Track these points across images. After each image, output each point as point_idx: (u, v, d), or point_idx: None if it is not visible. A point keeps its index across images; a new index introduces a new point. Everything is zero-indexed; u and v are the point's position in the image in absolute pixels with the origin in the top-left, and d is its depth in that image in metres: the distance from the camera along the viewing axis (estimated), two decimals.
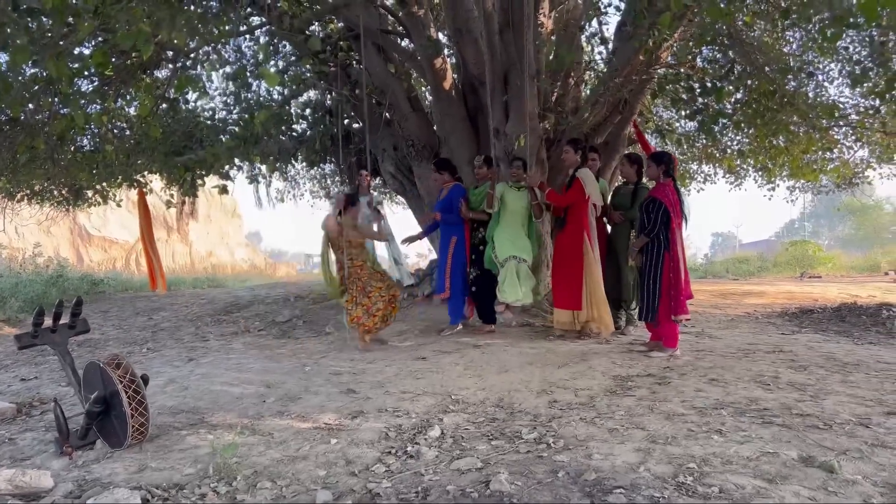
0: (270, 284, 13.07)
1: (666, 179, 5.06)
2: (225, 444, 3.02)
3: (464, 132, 8.19)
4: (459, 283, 6.30)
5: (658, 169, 5.09)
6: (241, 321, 8.16)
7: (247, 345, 6.33)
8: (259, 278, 20.88)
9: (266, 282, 17.54)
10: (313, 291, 10.19)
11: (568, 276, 5.73)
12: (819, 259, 19.26)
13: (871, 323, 6.58)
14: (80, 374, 3.50)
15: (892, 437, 2.93)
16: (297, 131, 10.60)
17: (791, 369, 4.32)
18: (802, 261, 19.00)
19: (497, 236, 5.98)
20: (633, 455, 2.79)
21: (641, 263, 5.10)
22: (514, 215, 6.08)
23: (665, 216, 4.89)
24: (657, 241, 4.94)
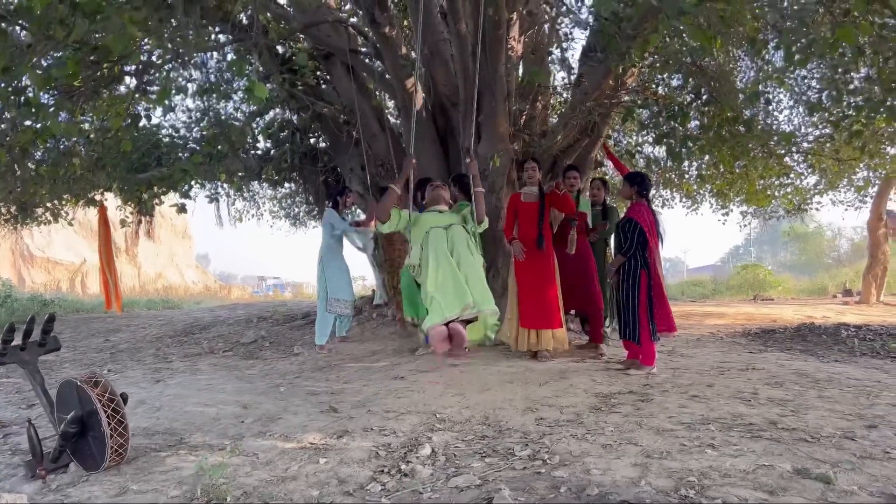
0: (229, 306, 12.80)
1: (639, 200, 5.15)
2: (213, 465, 2.91)
3: (433, 153, 8.21)
4: None
5: (631, 189, 5.18)
6: (203, 342, 7.95)
7: (214, 366, 6.15)
8: (213, 300, 20.45)
9: (221, 304, 17.17)
10: (277, 312, 10.00)
11: (545, 297, 5.73)
12: (770, 282, 19.84)
13: (832, 342, 6.77)
14: (52, 394, 3.35)
15: (878, 449, 2.99)
16: (260, 150, 10.49)
17: (768, 385, 4.40)
18: (754, 284, 19.54)
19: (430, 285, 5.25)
20: (631, 470, 2.79)
21: (617, 283, 5.15)
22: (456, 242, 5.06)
23: (641, 236, 4.97)
24: (634, 261, 5.01)
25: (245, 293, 31.09)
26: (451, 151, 8.32)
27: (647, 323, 4.95)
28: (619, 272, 5.12)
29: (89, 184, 8.35)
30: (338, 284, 6.66)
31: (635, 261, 5.00)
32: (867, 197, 14.40)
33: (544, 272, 5.77)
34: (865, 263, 13.97)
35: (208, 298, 21.61)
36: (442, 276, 3.81)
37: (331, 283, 6.64)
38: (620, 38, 6.03)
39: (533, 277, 5.83)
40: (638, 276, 4.98)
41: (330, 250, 6.83)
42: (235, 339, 7.95)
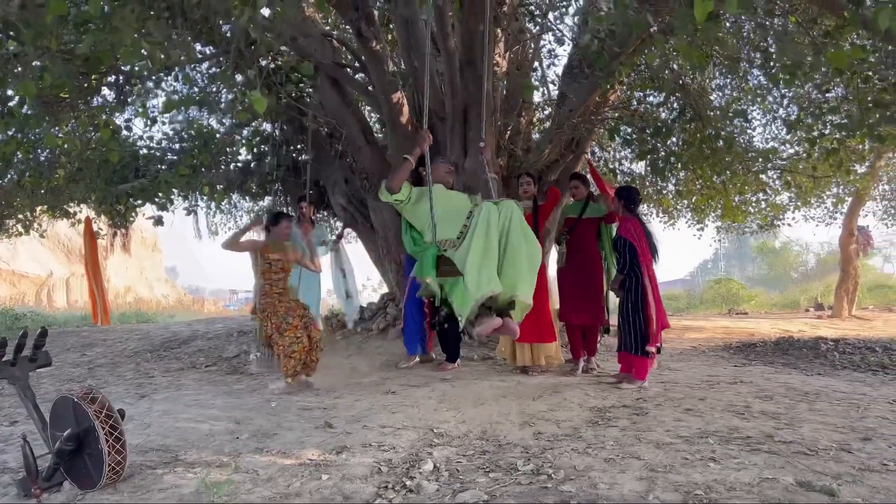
0: (206, 320, 12.60)
1: (628, 215, 5.21)
2: (215, 482, 2.86)
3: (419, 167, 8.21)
4: (414, 315, 6.25)
5: (619, 203, 5.24)
6: (184, 357, 7.82)
7: (198, 381, 6.06)
8: (187, 314, 20.17)
9: (196, 317, 16.92)
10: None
11: (537, 309, 5.72)
12: (743, 296, 20.14)
13: (812, 355, 6.89)
14: (43, 410, 3.27)
15: (876, 461, 3.05)
16: (240, 162, 10.40)
17: (759, 399, 4.46)
18: (728, 298, 19.82)
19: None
20: (637, 484, 2.80)
21: (623, 298, 5.18)
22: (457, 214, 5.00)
23: (632, 252, 5.01)
24: (633, 276, 5.05)
25: (217, 307, 30.71)
26: None
27: (647, 339, 4.98)
28: (622, 287, 5.15)
29: (67, 195, 8.21)
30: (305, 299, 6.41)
31: (635, 275, 5.04)
32: (838, 213, 14.78)
33: (538, 286, 5.77)
34: (837, 278, 14.25)
35: (181, 312, 21.29)
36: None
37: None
38: (608, 56, 6.12)
39: None
40: (640, 291, 5.01)
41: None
42: (217, 353, 7.83)
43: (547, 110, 9.18)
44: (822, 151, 7.91)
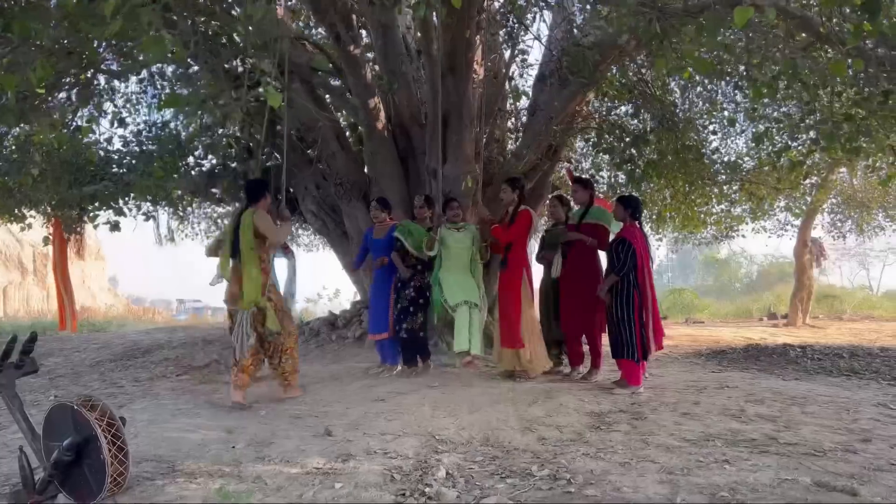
0: (166, 329, 12.22)
1: (632, 222, 5.25)
2: (234, 491, 2.73)
3: (394, 173, 8.16)
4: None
5: (626, 212, 5.27)
6: (150, 366, 7.55)
7: (174, 391, 5.84)
8: (137, 324, 19.52)
9: (146, 327, 16.36)
10: (225, 335, 9.62)
11: (508, 314, 5.72)
12: (697, 306, 20.62)
13: (784, 361, 7.06)
14: (32, 420, 3.09)
15: (883, 461, 3.12)
16: (205, 167, 10.16)
17: (750, 403, 4.53)
18: (683, 307, 20.24)
19: (444, 280, 5.75)
20: (660, 487, 2.79)
21: (611, 303, 5.20)
22: (458, 258, 5.87)
23: (634, 257, 5.05)
24: (627, 281, 5.08)
25: (159, 316, 29.73)
26: (412, 172, 8.29)
27: (640, 343, 5.02)
28: (611, 292, 5.18)
29: (24, 197, 7.87)
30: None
31: (628, 281, 5.08)
32: (788, 225, 15.29)
33: (510, 292, 5.76)
34: (792, 288, 14.69)
35: (131, 321, 20.61)
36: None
37: None
38: (591, 65, 6.20)
39: (503, 297, 5.87)
40: (631, 296, 5.05)
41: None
42: (186, 362, 7.58)
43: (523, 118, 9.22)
44: (787, 164, 8.16)
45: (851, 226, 15.75)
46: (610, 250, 5.31)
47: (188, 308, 40.56)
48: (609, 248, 5.36)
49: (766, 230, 15.06)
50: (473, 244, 5.94)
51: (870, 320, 15.19)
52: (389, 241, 6.14)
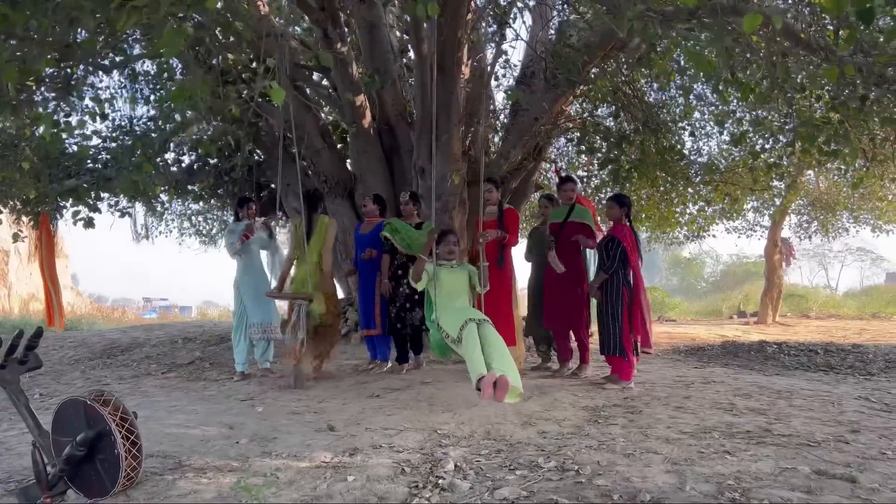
0: (144, 327, 12.03)
1: (626, 221, 5.36)
2: (254, 485, 2.75)
3: (379, 171, 8.18)
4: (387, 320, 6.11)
5: (621, 210, 5.37)
6: (132, 364, 7.46)
7: (163, 388, 5.79)
8: (107, 322, 19.18)
9: (116, 326, 16.07)
10: (205, 333, 9.55)
11: (501, 313, 5.74)
12: (668, 304, 20.97)
13: (762, 358, 7.26)
14: (38, 415, 3.07)
15: (874, 450, 3.25)
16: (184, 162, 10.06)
17: (738, 397, 4.66)
18: (654, 306, 20.56)
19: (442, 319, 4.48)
20: (667, 477, 2.88)
21: (601, 300, 5.30)
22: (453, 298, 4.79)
23: (623, 255, 5.15)
24: (616, 278, 5.19)
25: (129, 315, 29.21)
26: (397, 170, 8.32)
27: (630, 339, 5.13)
28: (601, 289, 5.28)
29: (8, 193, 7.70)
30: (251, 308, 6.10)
31: (617, 279, 5.18)
32: (757, 226, 15.66)
33: (502, 290, 5.79)
34: (760, 287, 15.03)
35: (101, 320, 20.24)
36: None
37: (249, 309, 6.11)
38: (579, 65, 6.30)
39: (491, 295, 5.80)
40: (621, 294, 5.16)
41: (245, 269, 6.21)
42: (168, 360, 7.50)
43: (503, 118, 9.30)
44: (763, 165, 8.38)
45: (817, 227, 16.16)
46: (600, 248, 5.41)
47: (155, 306, 39.95)
48: (599, 247, 5.45)
49: (736, 231, 15.44)
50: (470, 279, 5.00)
51: (836, 319, 15.63)
52: (374, 237, 6.12)
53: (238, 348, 6.17)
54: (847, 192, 14.03)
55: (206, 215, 14.34)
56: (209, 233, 14.90)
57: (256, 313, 6.10)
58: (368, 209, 6.38)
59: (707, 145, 10.00)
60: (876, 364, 6.64)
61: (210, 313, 25.20)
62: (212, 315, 23.17)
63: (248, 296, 6.13)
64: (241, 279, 6.19)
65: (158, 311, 34.66)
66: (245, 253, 6.20)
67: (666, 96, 8.00)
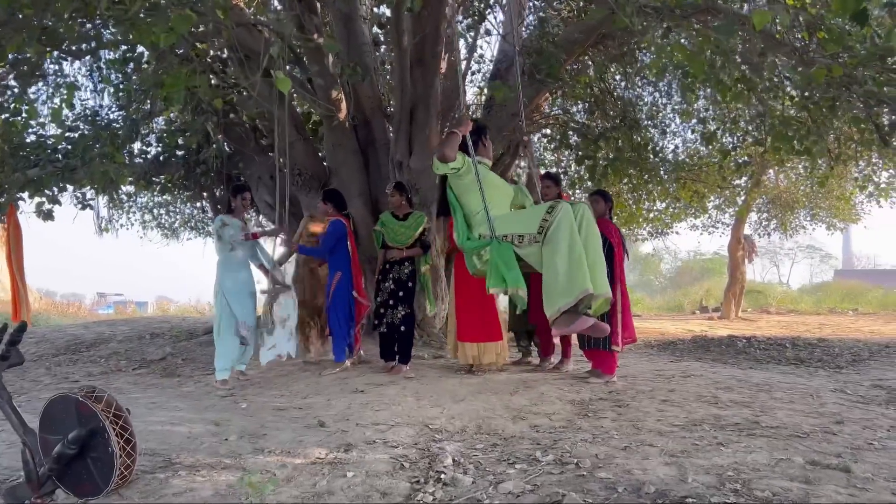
0: (107, 322, 11.72)
1: (609, 217, 5.40)
2: (258, 482, 2.68)
3: (354, 164, 8.10)
4: (343, 319, 5.98)
5: (605, 205, 5.41)
6: (100, 360, 7.26)
7: (137, 385, 5.65)
8: (61, 318, 18.66)
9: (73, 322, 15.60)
10: (173, 329, 9.35)
11: (485, 307, 5.74)
12: (631, 300, 21.27)
13: (734, 352, 7.41)
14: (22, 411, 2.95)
15: (860, 441, 3.34)
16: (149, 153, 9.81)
17: (720, 390, 4.75)
18: None
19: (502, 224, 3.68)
20: (667, 469, 2.90)
21: None
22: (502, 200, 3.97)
23: (610, 251, 5.19)
24: None
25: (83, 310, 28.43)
26: (372, 163, 8.25)
27: (615, 334, 5.17)
28: None
29: None
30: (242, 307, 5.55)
31: None
32: (719, 223, 16.01)
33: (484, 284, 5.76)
34: (726, 283, 15.36)
35: (55, 316, 19.66)
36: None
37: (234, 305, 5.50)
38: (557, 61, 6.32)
39: (475, 290, 5.78)
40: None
41: (227, 265, 5.61)
42: (138, 356, 7.32)
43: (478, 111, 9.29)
44: (733, 163, 8.56)
45: (776, 224, 16.59)
46: None
47: (110, 302, 38.99)
48: None
49: (698, 228, 15.78)
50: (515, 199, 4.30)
51: (794, 314, 16.06)
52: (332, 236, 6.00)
53: (223, 352, 5.44)
54: (805, 190, 14.45)
55: (169, 208, 14.08)
56: (171, 226, 14.63)
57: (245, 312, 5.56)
58: (322, 209, 6.27)
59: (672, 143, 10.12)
60: (843, 358, 6.85)
61: (171, 309, 24.67)
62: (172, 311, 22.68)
63: (232, 294, 5.54)
64: (225, 277, 5.59)
65: (114, 307, 33.83)
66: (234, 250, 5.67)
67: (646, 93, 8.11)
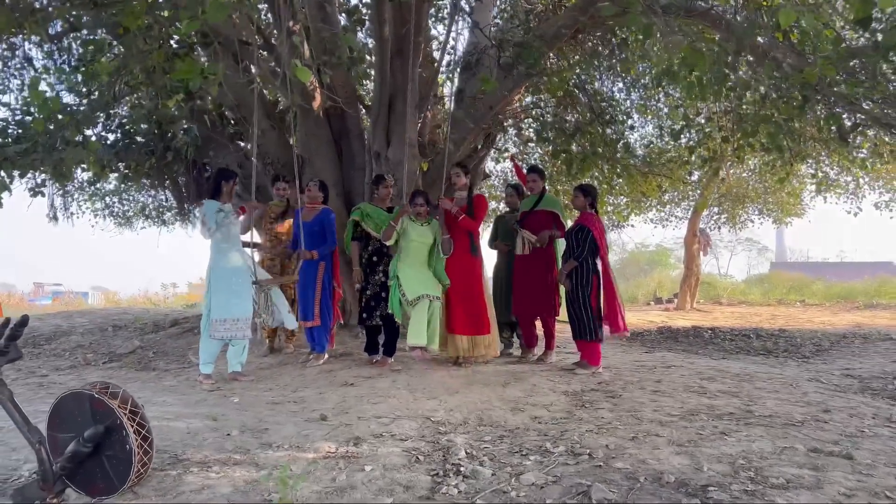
0: (63, 314, 11.24)
1: (591, 210, 5.48)
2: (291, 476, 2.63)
3: (328, 154, 8.00)
4: (329, 310, 5.96)
5: (585, 200, 5.49)
6: (65, 354, 7.02)
7: (113, 379, 5.43)
8: (6, 309, 17.89)
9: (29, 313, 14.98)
10: (137, 320, 9.09)
11: (474, 300, 5.75)
12: None
13: (702, 342, 7.63)
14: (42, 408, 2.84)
15: (851, 428, 3.49)
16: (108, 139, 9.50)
17: (705, 380, 4.89)
18: None
19: (403, 274, 5.46)
20: (680, 458, 2.98)
21: (570, 287, 5.41)
22: (418, 252, 5.64)
23: (593, 243, 5.28)
24: (585, 266, 5.31)
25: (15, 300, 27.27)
26: (345, 153, 8.17)
27: (599, 325, 5.27)
28: (570, 277, 5.39)
29: None
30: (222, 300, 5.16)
31: (587, 266, 5.31)
32: (672, 217, 16.43)
33: (473, 277, 5.79)
34: (682, 275, 15.76)
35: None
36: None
37: (214, 299, 5.16)
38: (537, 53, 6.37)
39: (464, 283, 5.77)
40: (590, 280, 5.30)
41: (220, 254, 5.29)
42: (105, 349, 7.09)
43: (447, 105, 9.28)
44: (699, 159, 8.79)
45: (726, 218, 17.09)
46: (569, 236, 5.52)
47: (48, 292, 37.62)
48: (568, 235, 5.56)
49: (653, 221, 16.17)
50: (435, 240, 5.69)
51: (745, 305, 16.60)
52: (317, 226, 5.94)
53: (206, 345, 5.21)
54: (755, 185, 14.95)
55: (122, 196, 13.67)
56: (125, 214, 14.19)
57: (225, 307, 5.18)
58: (312, 195, 6.14)
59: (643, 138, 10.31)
60: (806, 348, 7.14)
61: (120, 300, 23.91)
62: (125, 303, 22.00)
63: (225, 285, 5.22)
64: (218, 264, 5.27)
65: (52, 298, 32.61)
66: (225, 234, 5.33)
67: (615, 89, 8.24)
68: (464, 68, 8.81)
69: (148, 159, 8.45)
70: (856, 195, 13.61)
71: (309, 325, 5.95)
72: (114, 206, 13.99)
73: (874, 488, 2.59)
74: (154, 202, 12.82)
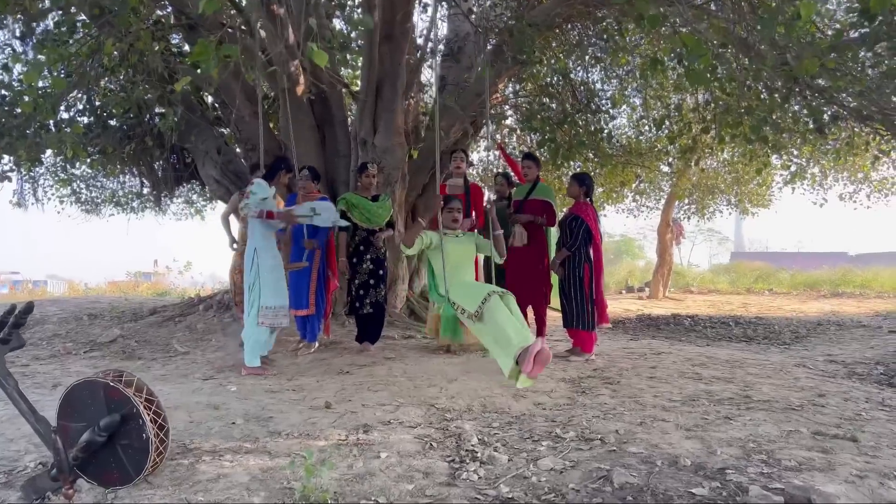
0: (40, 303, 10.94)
1: (585, 199, 5.50)
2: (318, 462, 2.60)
3: (311, 141, 7.90)
4: (322, 300, 5.91)
5: (580, 189, 5.51)
6: (43, 343, 6.83)
7: (97, 369, 5.35)
8: None
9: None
10: (114, 309, 8.90)
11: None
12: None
13: (684, 329, 7.76)
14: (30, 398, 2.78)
15: (849, 412, 3.59)
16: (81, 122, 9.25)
17: (697, 367, 4.97)
18: None
19: (455, 293, 4.29)
20: (691, 442, 3.03)
21: (563, 276, 5.44)
22: (460, 266, 4.71)
23: (587, 233, 5.32)
24: (578, 255, 5.34)
25: None
26: (329, 139, 8.07)
27: (592, 313, 5.32)
28: (563, 266, 5.42)
29: None
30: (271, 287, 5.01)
31: (580, 255, 5.34)
32: (643, 207, 16.62)
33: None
34: (655, 264, 15.97)
35: None
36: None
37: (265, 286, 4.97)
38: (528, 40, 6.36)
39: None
40: (583, 269, 5.33)
41: (266, 241, 5.06)
42: (84, 338, 6.91)
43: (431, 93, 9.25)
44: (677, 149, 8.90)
45: (696, 209, 17.36)
46: (563, 225, 5.54)
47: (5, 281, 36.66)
48: (562, 224, 5.59)
49: (625, 211, 16.34)
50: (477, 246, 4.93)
51: (716, 293, 16.91)
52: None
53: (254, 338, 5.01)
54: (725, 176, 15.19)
55: (89, 182, 13.34)
56: (93, 201, 13.85)
57: (284, 294, 5.16)
58: (304, 185, 5.89)
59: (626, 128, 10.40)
60: (785, 335, 7.31)
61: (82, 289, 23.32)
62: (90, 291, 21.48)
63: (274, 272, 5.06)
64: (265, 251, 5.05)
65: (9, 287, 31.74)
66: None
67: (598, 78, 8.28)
68: (446, 55, 8.78)
69: (126, 143, 8.22)
70: (822, 186, 13.94)
71: (303, 313, 5.86)
72: (80, 193, 13.64)
73: (882, 469, 2.66)
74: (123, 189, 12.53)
